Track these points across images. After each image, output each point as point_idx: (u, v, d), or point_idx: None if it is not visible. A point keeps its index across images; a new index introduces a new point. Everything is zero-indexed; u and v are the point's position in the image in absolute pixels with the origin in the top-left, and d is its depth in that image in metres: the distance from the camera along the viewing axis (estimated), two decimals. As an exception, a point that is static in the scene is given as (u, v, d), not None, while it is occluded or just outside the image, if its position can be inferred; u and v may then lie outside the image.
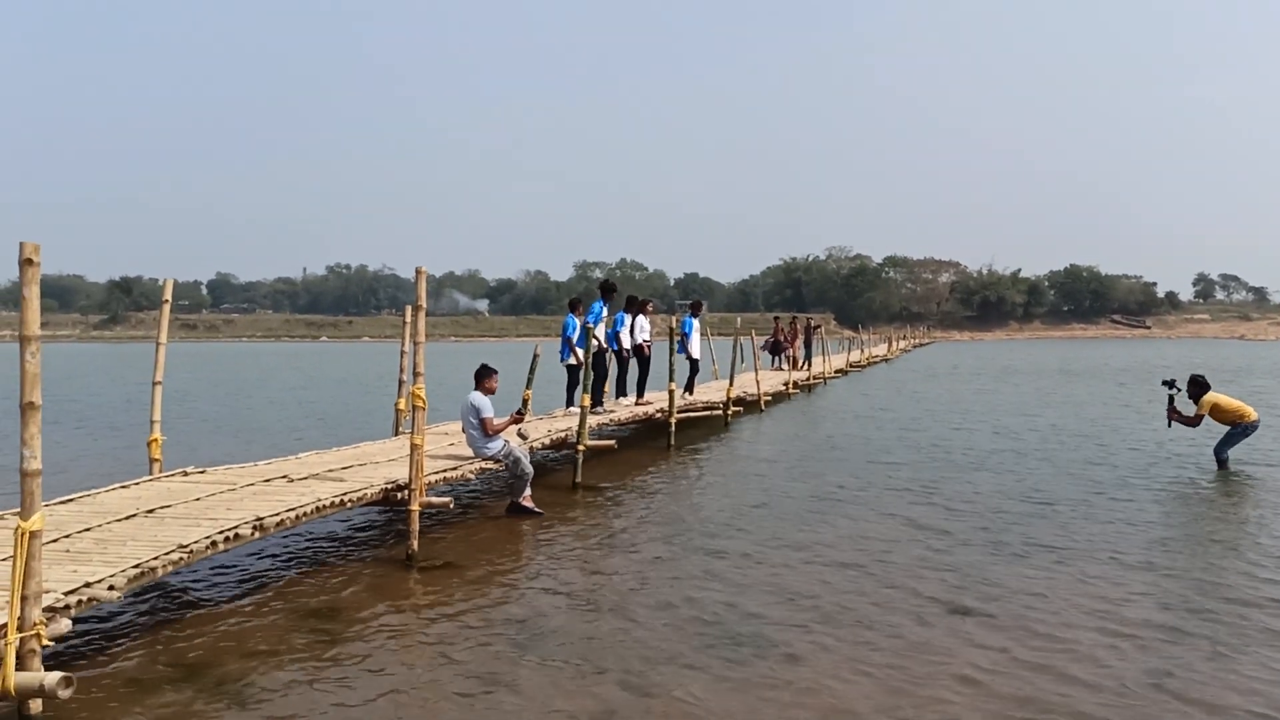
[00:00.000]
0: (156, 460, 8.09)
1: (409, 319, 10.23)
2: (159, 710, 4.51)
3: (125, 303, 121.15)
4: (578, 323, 13.13)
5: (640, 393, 14.83)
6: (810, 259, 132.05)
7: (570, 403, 13.37)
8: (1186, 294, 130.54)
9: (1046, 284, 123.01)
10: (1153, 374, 27.45)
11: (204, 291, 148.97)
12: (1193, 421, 11.46)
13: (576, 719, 4.43)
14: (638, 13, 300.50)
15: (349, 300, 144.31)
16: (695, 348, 16.79)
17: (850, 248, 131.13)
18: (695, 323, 16.85)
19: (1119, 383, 28.50)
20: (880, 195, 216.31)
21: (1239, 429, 11.26)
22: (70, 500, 6.92)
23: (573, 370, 13.40)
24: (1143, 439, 14.34)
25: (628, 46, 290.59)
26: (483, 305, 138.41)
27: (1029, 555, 7.36)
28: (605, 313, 13.44)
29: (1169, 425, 11.97)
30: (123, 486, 7.52)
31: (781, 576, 6.80)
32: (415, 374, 7.50)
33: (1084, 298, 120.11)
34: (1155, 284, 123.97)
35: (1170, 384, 11.58)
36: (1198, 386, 11.41)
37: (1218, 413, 11.30)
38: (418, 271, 7.71)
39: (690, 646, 5.35)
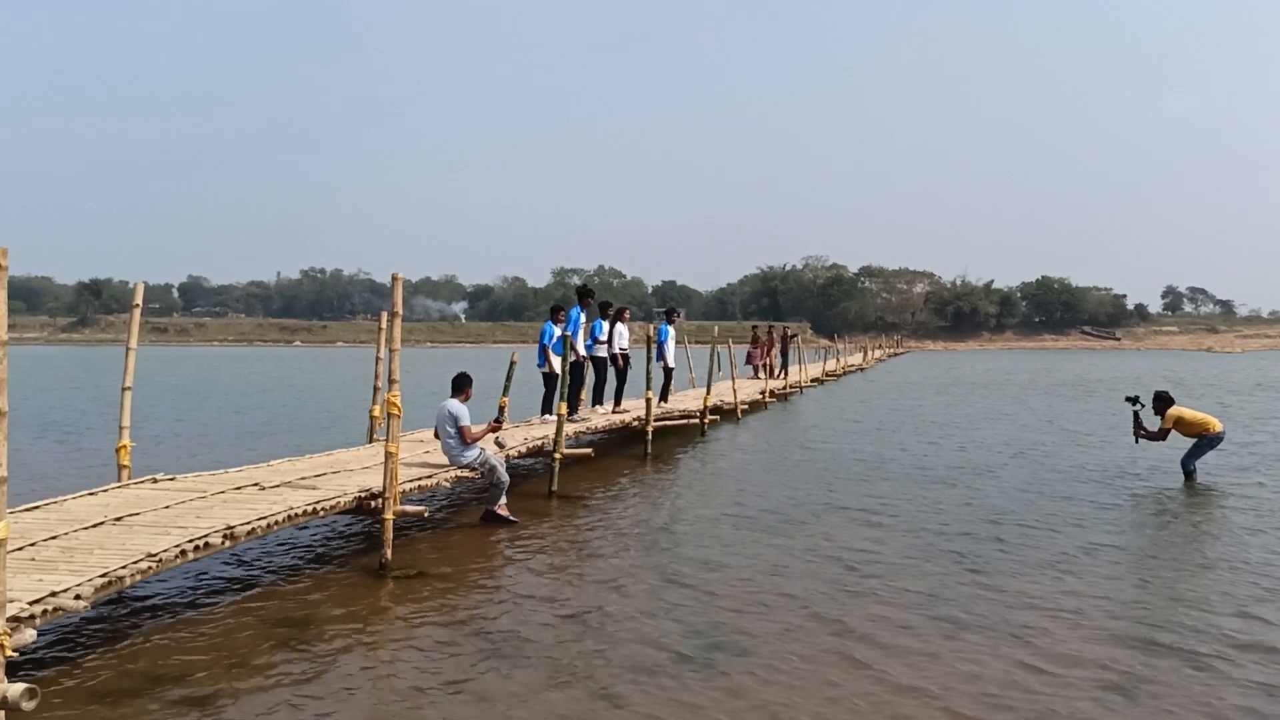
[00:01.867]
0: (125, 467, 7.98)
1: (384, 325, 10.18)
2: (126, 721, 4.45)
3: (95, 305, 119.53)
4: (556, 331, 13.10)
5: (618, 401, 14.83)
6: (787, 268, 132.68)
7: (546, 410, 13.34)
8: (1155, 306, 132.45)
9: (1019, 295, 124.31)
10: (1123, 386, 27.78)
11: (175, 294, 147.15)
12: (1159, 436, 11.62)
13: (549, 730, 4.42)
14: (622, 27, 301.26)
15: (323, 305, 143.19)
16: (670, 356, 16.85)
17: (827, 257, 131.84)
18: (671, 330, 16.94)
19: (1089, 394, 28.83)
20: (857, 207, 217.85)
21: (1204, 440, 11.44)
22: (36, 508, 6.81)
23: (548, 378, 13.36)
24: (1110, 452, 14.51)
25: (610, 58, 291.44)
26: (460, 308, 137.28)
27: (995, 570, 7.43)
28: (584, 319, 13.41)
29: (1136, 441, 12.10)
30: (90, 494, 7.42)
31: (755, 587, 6.82)
32: (390, 381, 7.46)
33: (1055, 309, 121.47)
34: (1125, 296, 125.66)
35: (1134, 400, 11.72)
36: (1162, 401, 11.58)
37: (1182, 426, 11.46)
38: (394, 278, 7.67)
39: (662, 657, 5.35)
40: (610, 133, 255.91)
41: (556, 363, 12.69)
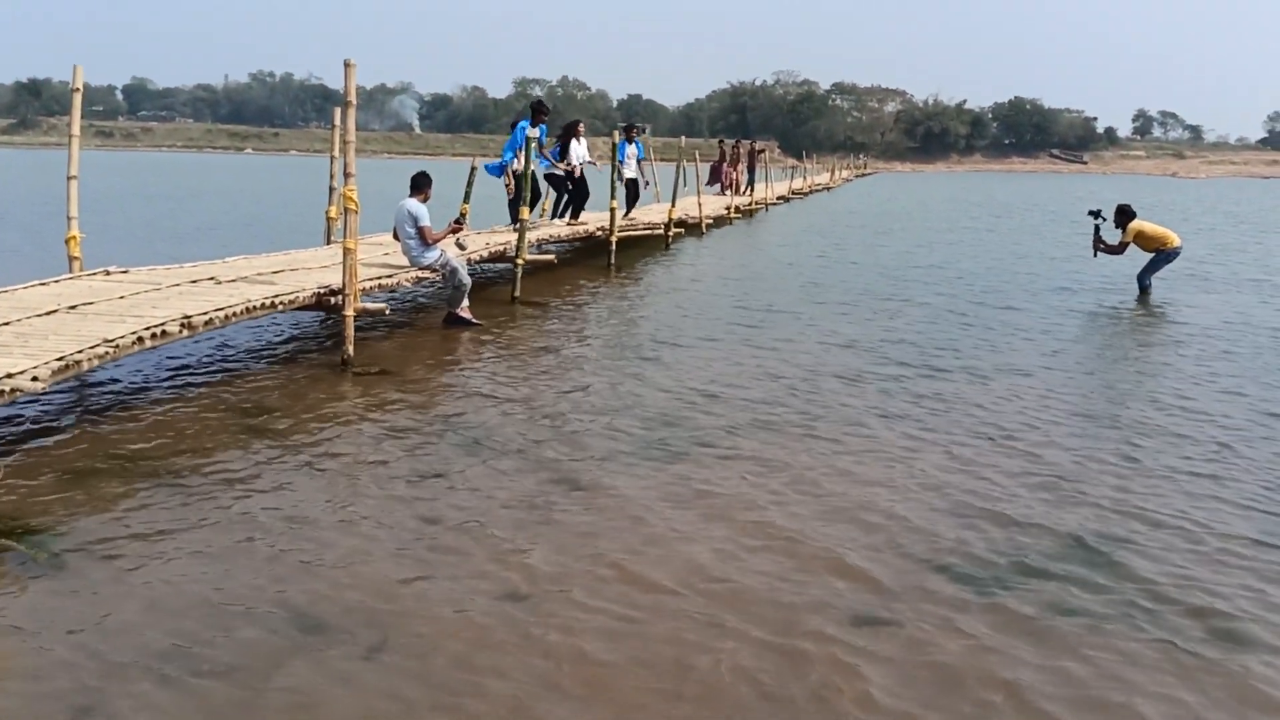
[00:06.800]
0: (76, 258, 7.75)
1: (338, 120, 9.76)
2: (92, 497, 4.51)
3: (34, 106, 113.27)
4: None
5: (575, 215, 14.53)
6: (757, 83, 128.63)
7: (513, 222, 13.03)
8: (1125, 130, 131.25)
9: (990, 116, 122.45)
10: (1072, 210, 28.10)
11: (119, 97, 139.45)
12: (1118, 250, 11.73)
13: (513, 506, 4.57)
14: None
15: (274, 111, 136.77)
16: (631, 171, 16.43)
17: (798, 73, 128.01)
18: (630, 147, 16.44)
19: (1048, 217, 28.98)
20: (831, 16, 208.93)
21: (1162, 255, 11.58)
22: (-15, 296, 6.65)
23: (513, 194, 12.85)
24: (1068, 267, 14.72)
25: None
26: (411, 106, 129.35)
27: (952, 371, 7.64)
28: (534, 133, 12.76)
29: (1094, 255, 12.19)
30: (41, 284, 7.23)
31: (715, 388, 6.96)
32: (346, 175, 7.21)
33: (1026, 131, 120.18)
34: (1095, 119, 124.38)
35: (1096, 214, 11.69)
36: (1123, 215, 11.60)
37: (1142, 240, 11.57)
38: (346, 65, 7.26)
39: (624, 447, 5.49)
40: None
41: (520, 167, 12.27)
